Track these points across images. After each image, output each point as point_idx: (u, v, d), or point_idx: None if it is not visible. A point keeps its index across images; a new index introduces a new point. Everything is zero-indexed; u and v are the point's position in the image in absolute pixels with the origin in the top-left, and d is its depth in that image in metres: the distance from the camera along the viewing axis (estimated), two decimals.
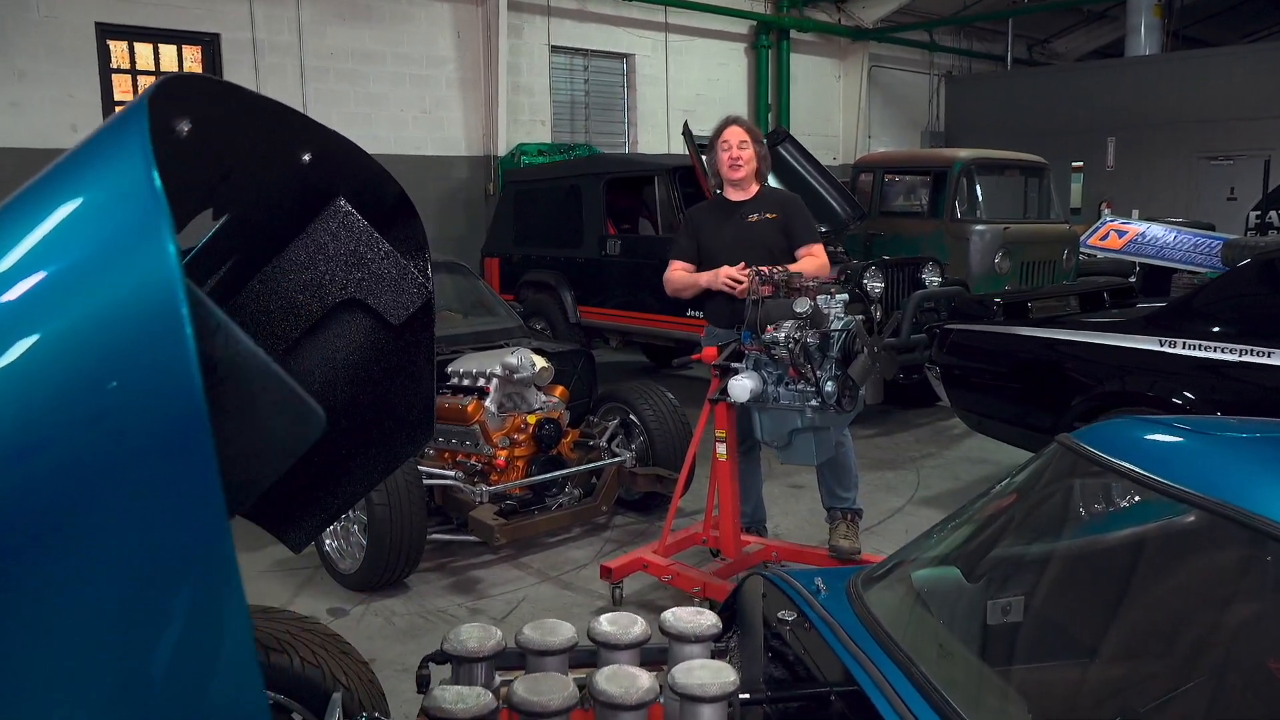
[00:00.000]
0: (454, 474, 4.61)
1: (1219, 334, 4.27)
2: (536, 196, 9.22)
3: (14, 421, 1.00)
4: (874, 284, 7.05)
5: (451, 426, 4.73)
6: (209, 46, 9.62)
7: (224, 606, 1.04)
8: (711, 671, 1.73)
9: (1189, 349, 4.32)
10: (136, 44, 9.36)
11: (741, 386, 3.64)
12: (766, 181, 4.47)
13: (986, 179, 9.15)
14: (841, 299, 3.73)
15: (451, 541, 4.72)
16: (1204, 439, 2.14)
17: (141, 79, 9.39)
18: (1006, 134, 14.66)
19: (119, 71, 9.28)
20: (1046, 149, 11.04)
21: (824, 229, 4.73)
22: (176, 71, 8.81)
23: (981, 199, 8.99)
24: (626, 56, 13.17)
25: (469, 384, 4.91)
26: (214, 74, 9.54)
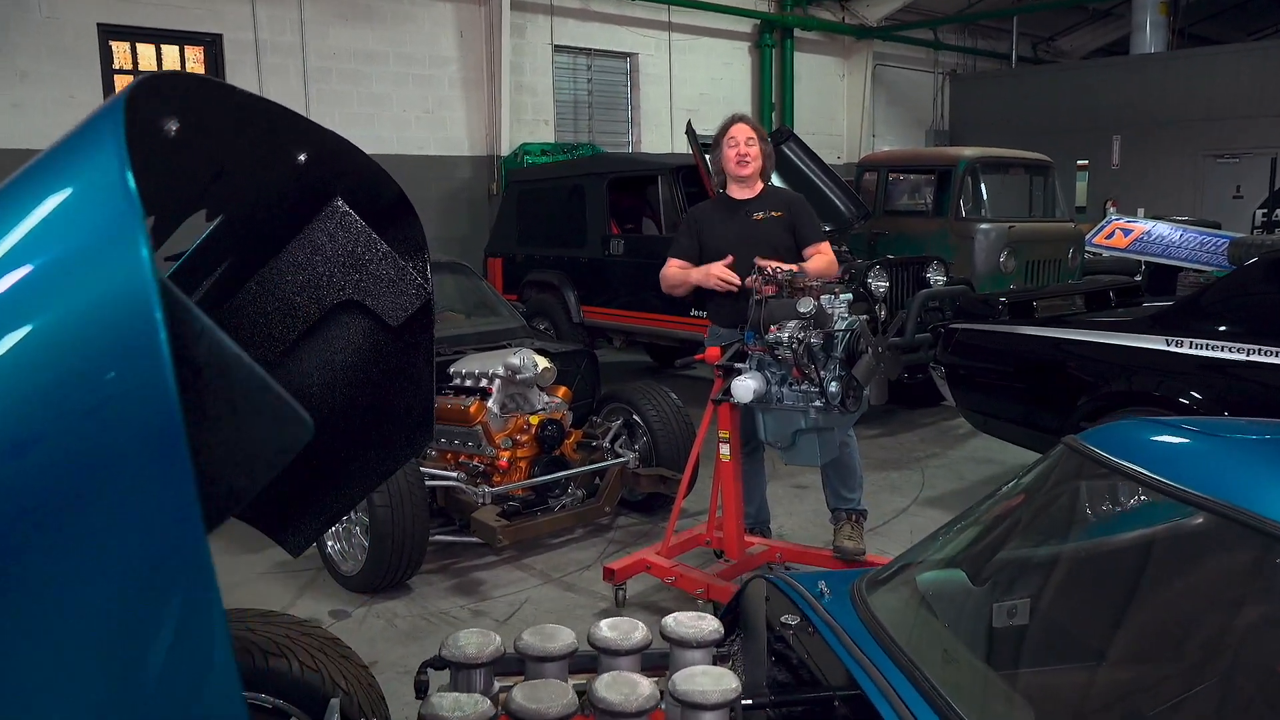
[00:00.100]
0: (456, 475, 4.59)
1: (1226, 333, 4.24)
2: (540, 196, 9.20)
3: None
4: (878, 283, 7.02)
5: (454, 427, 4.72)
6: (211, 47, 9.62)
7: (201, 615, 1.02)
8: (713, 678, 1.71)
9: (1196, 348, 4.29)
10: (138, 44, 9.36)
11: (745, 387, 3.62)
12: (770, 180, 4.45)
13: (991, 178, 9.12)
14: (846, 298, 3.70)
15: (454, 543, 4.71)
16: (1211, 440, 2.12)
17: None
18: (1011, 132, 14.61)
19: (121, 72, 9.27)
20: (1051, 147, 11.01)
21: (828, 228, 4.70)
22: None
23: (986, 198, 8.96)
24: (630, 56, 13.15)
25: (471, 385, 4.90)
26: (216, 75, 9.54)
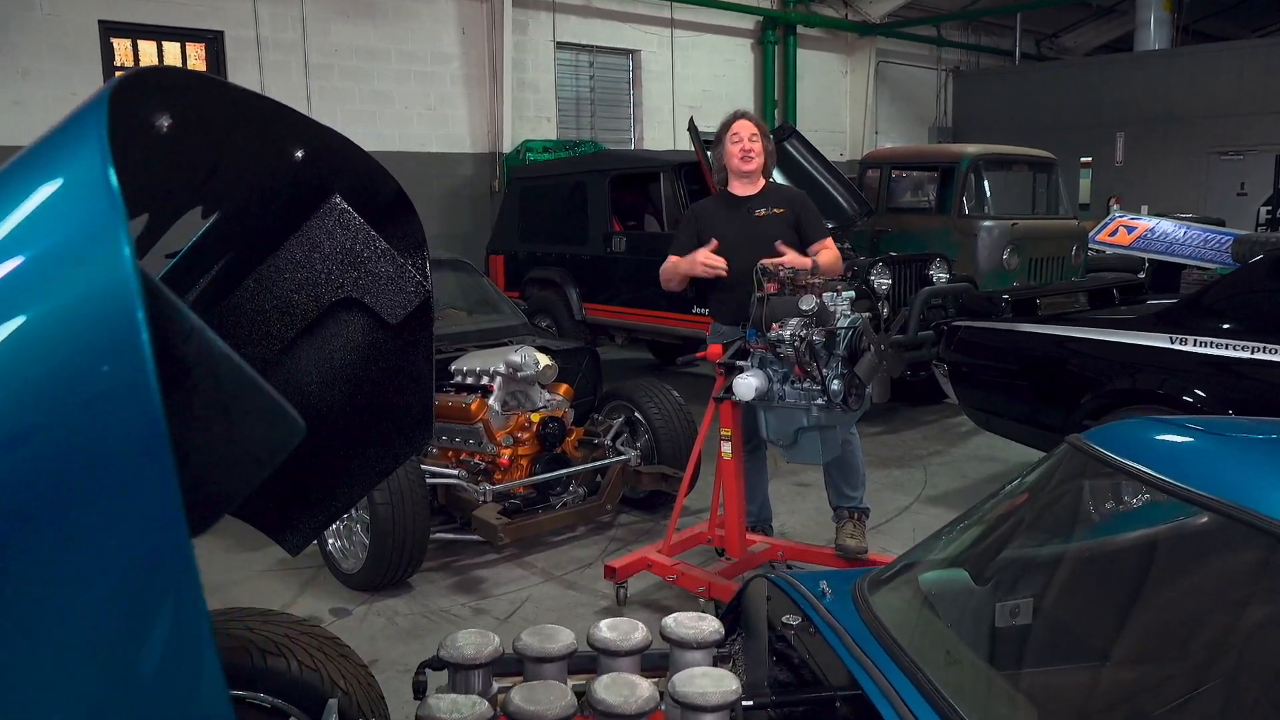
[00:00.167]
0: (457, 473, 4.58)
1: (1230, 331, 4.22)
2: (542, 193, 9.18)
3: None
4: (881, 281, 7.00)
5: (455, 425, 4.71)
6: (213, 44, 9.61)
7: (185, 618, 1.01)
8: (713, 679, 1.69)
9: (1200, 346, 4.27)
10: (140, 42, 9.35)
11: (746, 385, 3.60)
12: (771, 177, 4.44)
13: (994, 175, 9.09)
14: (848, 296, 3.68)
15: (455, 541, 4.70)
16: (1216, 440, 2.11)
17: None
18: (1015, 129, 14.57)
19: (123, 70, 9.27)
20: (1055, 144, 10.97)
21: (831, 225, 4.69)
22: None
23: (989, 195, 8.94)
24: (632, 53, 13.13)
25: (472, 382, 4.89)
26: (218, 72, 9.53)
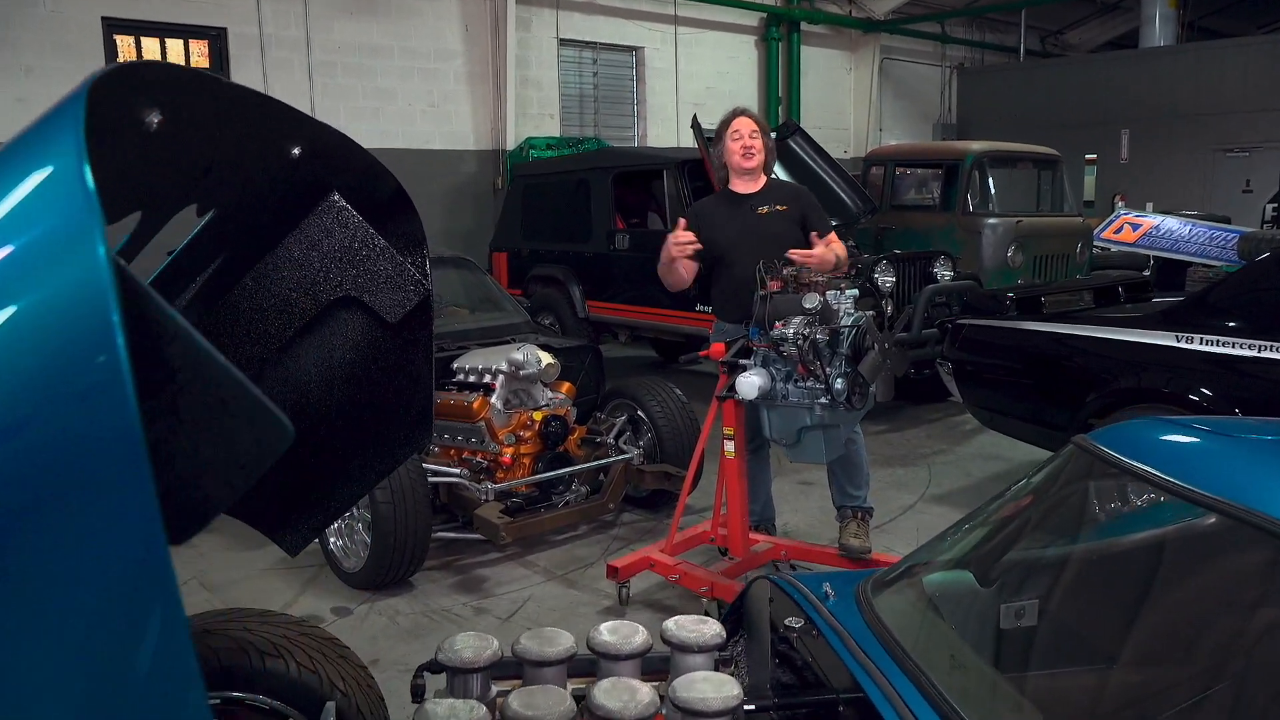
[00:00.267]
0: (459, 471, 4.57)
1: (1236, 329, 4.19)
2: (545, 190, 9.17)
3: None
4: (885, 278, 6.98)
5: (457, 423, 4.69)
6: (216, 41, 9.60)
7: (163, 625, 0.99)
8: (714, 684, 1.67)
9: (1206, 344, 4.24)
10: (143, 39, 9.35)
11: (749, 384, 3.58)
12: (773, 174, 4.42)
13: (999, 172, 9.06)
14: (852, 294, 3.66)
15: (457, 540, 4.69)
16: (1224, 440, 2.08)
17: None
18: (1019, 126, 14.53)
19: None
20: (1059, 141, 10.93)
21: (835, 223, 4.67)
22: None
23: (994, 192, 8.91)
24: (636, 49, 13.10)
25: (475, 380, 4.87)
26: (221, 69, 9.52)
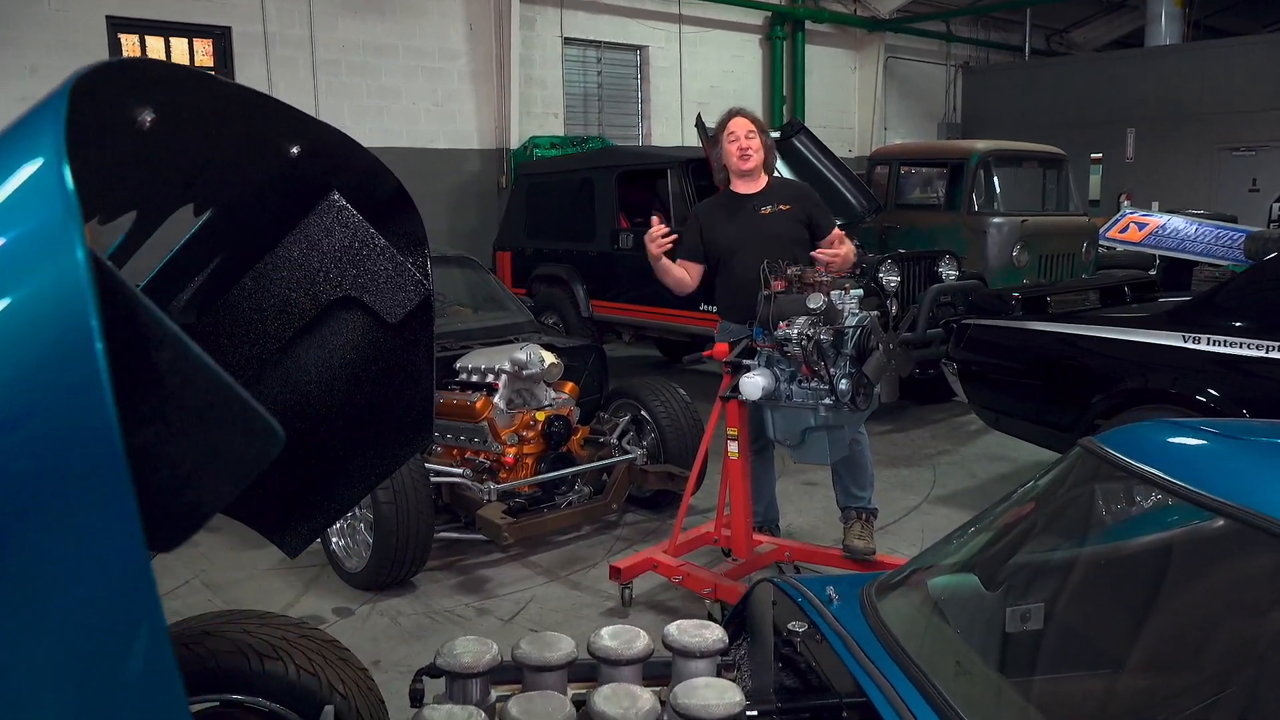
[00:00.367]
0: (462, 471, 4.55)
1: (1244, 329, 4.16)
2: (549, 189, 9.15)
3: None
4: (890, 278, 6.96)
5: (459, 423, 4.68)
6: (220, 40, 9.59)
7: (143, 635, 0.97)
8: (716, 691, 1.65)
9: (1213, 345, 4.21)
10: (148, 37, 9.34)
11: (753, 384, 3.56)
12: (774, 173, 4.40)
13: (1004, 171, 9.03)
14: (856, 294, 3.64)
15: (459, 540, 4.67)
16: (1232, 443, 2.06)
17: None
18: (1024, 125, 14.48)
19: None
20: (1065, 140, 10.89)
21: (840, 222, 4.65)
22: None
23: (999, 191, 8.88)
24: (640, 48, 13.08)
25: (477, 380, 4.86)
26: (225, 68, 9.52)
